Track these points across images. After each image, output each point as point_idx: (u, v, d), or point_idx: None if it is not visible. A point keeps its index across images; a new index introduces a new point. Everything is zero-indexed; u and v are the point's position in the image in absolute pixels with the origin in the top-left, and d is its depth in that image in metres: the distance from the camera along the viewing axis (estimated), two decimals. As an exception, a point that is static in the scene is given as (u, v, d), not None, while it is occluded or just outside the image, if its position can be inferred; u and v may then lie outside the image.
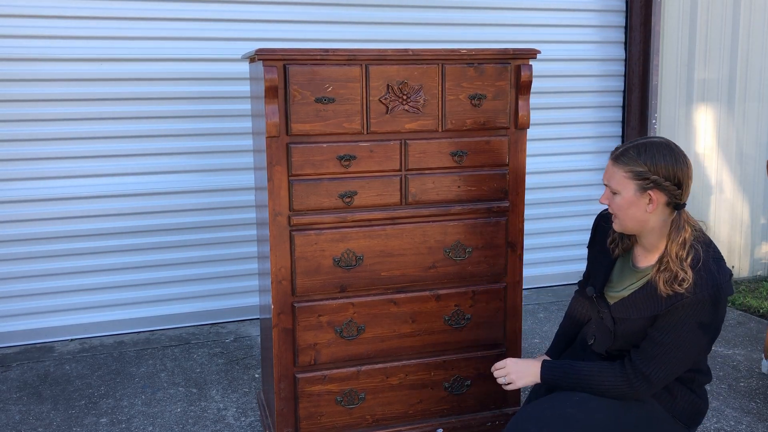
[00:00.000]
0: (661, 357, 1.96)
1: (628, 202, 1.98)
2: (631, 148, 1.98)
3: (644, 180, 1.94)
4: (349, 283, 2.48)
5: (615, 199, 2.01)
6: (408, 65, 2.40)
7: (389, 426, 2.61)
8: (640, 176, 1.95)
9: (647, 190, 1.95)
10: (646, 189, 1.95)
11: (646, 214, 1.98)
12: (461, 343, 2.63)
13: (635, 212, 1.98)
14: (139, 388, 3.26)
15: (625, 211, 1.99)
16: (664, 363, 1.96)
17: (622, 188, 1.98)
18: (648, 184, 1.94)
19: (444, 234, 2.54)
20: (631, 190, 1.96)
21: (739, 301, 4.39)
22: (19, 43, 3.60)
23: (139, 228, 3.88)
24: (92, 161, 3.78)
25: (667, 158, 1.94)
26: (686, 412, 2.08)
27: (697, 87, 4.65)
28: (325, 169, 2.39)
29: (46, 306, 3.81)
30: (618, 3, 4.56)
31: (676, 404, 2.07)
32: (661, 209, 1.97)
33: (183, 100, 3.86)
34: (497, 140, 2.55)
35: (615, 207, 2.02)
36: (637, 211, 1.98)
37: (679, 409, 2.08)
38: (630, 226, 2.02)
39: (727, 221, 4.88)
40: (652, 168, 1.94)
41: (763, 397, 3.11)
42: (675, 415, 2.07)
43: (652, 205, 1.96)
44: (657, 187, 1.94)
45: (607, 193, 2.04)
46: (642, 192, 1.96)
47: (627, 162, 1.97)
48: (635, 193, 1.96)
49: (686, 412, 2.08)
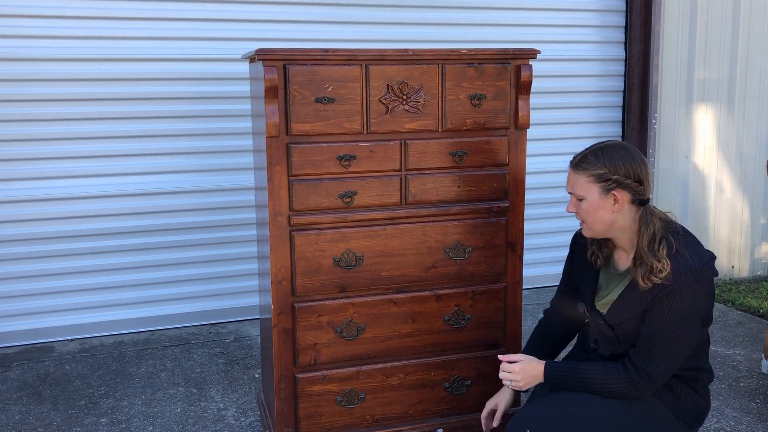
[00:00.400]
0: (658, 352, 1.97)
1: (595, 206, 2.03)
2: (589, 153, 2.05)
3: (606, 181, 2.00)
4: (349, 283, 2.48)
5: (581, 205, 2.06)
6: (408, 65, 2.40)
7: (389, 426, 2.61)
8: (602, 178, 2.00)
9: (611, 191, 2.01)
10: (610, 189, 2.01)
11: (613, 214, 2.03)
12: (461, 343, 2.63)
13: (603, 214, 2.03)
14: (139, 388, 3.26)
15: (593, 214, 2.04)
16: (663, 357, 1.97)
17: (586, 193, 2.03)
18: (611, 184, 2.00)
19: (444, 234, 2.54)
20: (596, 193, 2.02)
21: (739, 301, 4.39)
22: (19, 43, 3.59)
23: (139, 228, 3.88)
24: (92, 161, 3.78)
25: (624, 158, 2.00)
26: (689, 412, 2.09)
27: (697, 87, 4.65)
28: (325, 169, 2.39)
29: (46, 306, 3.81)
30: (618, 3, 4.56)
31: (679, 404, 2.07)
32: (627, 207, 2.03)
33: (183, 100, 3.86)
34: (497, 140, 2.55)
35: (583, 213, 2.07)
36: (604, 213, 2.03)
37: (682, 409, 2.08)
38: (599, 229, 2.07)
39: (727, 221, 4.88)
40: (612, 169, 1.99)
41: (763, 397, 3.11)
42: (678, 415, 2.08)
43: (618, 204, 2.01)
44: (620, 186, 2.00)
45: (573, 201, 2.10)
46: (606, 193, 2.01)
47: (587, 167, 2.02)
48: (600, 196, 2.02)
49: (689, 412, 2.09)
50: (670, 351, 1.97)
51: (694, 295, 1.95)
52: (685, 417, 2.09)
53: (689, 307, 1.95)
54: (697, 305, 1.96)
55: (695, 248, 2.00)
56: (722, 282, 4.87)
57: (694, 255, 1.97)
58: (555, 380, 2.11)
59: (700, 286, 1.96)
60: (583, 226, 2.11)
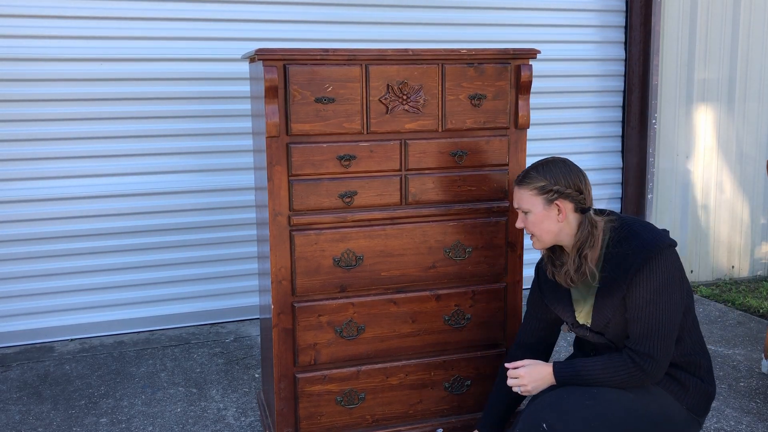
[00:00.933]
0: (651, 332, 2.02)
1: (540, 217, 2.14)
2: (531, 170, 2.17)
3: (549, 192, 2.12)
4: (349, 283, 2.48)
5: (528, 218, 2.17)
6: (408, 65, 2.40)
7: (389, 426, 2.61)
8: (544, 190, 2.12)
9: (553, 201, 2.12)
10: (552, 200, 2.12)
11: (558, 224, 2.13)
12: (461, 343, 2.63)
13: (549, 225, 2.14)
14: (139, 388, 3.26)
15: (539, 226, 2.15)
16: (657, 335, 2.02)
17: (531, 206, 2.15)
18: (552, 195, 2.12)
19: (444, 234, 2.54)
20: (540, 205, 2.13)
21: (739, 301, 4.39)
22: (19, 43, 3.59)
23: (138, 228, 3.88)
24: (92, 161, 3.78)
25: (562, 170, 2.14)
26: (699, 401, 2.13)
27: (697, 87, 4.65)
28: (325, 169, 2.39)
29: (46, 306, 3.81)
30: (618, 3, 4.56)
31: (688, 395, 2.11)
32: (572, 216, 2.13)
33: (183, 100, 3.86)
34: (497, 140, 2.55)
35: (530, 225, 2.17)
36: (550, 223, 2.14)
37: (691, 399, 2.11)
38: (548, 239, 2.17)
39: (727, 221, 4.88)
40: (552, 180, 2.12)
41: (763, 397, 3.11)
42: (688, 407, 2.10)
43: (562, 214, 2.12)
44: (561, 196, 2.12)
45: (521, 217, 2.20)
46: (549, 204, 2.13)
47: (530, 182, 2.15)
48: (544, 207, 2.13)
49: (699, 401, 2.13)
50: (660, 326, 2.01)
51: (662, 264, 2.02)
52: (695, 407, 2.12)
53: (662, 278, 2.01)
54: (669, 274, 2.02)
55: (645, 226, 2.09)
56: (722, 282, 4.87)
57: (645, 231, 2.06)
58: (565, 379, 2.13)
59: (664, 255, 2.02)
60: (533, 240, 2.20)
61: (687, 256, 4.81)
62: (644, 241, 2.03)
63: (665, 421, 2.08)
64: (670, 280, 2.02)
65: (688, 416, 2.11)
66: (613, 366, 2.06)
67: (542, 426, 2.01)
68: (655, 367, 2.03)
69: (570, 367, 2.13)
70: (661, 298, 2.01)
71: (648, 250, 2.01)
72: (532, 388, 2.16)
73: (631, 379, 2.05)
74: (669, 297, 2.02)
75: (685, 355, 2.12)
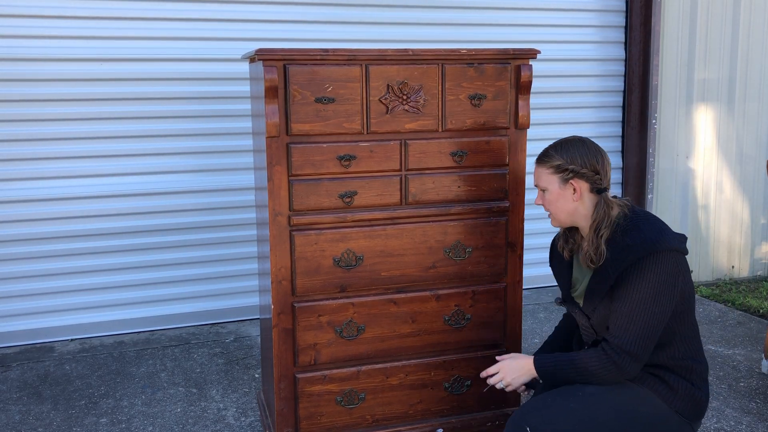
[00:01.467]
0: (629, 327, 2.01)
1: (556, 195, 2.17)
2: (550, 148, 2.20)
3: (564, 171, 2.14)
4: (349, 283, 2.48)
5: (545, 197, 2.20)
6: (408, 65, 2.40)
7: (389, 426, 2.61)
8: (560, 169, 2.15)
9: (569, 180, 2.14)
10: (568, 179, 2.14)
11: (574, 203, 2.16)
12: (461, 343, 2.63)
13: (564, 204, 2.17)
14: (139, 388, 3.26)
15: (556, 204, 2.18)
16: (635, 331, 2.01)
17: (548, 184, 2.18)
18: (568, 174, 2.14)
19: (444, 234, 2.54)
20: (556, 184, 2.16)
21: (739, 301, 4.39)
22: (19, 43, 3.60)
23: (139, 228, 3.88)
24: (92, 161, 3.78)
25: (580, 150, 2.14)
26: (688, 406, 2.09)
27: (697, 87, 4.65)
28: (325, 169, 2.39)
29: (46, 306, 3.81)
30: (618, 3, 4.56)
31: (677, 399, 2.08)
32: (588, 197, 2.15)
33: (183, 100, 3.86)
34: (497, 140, 2.55)
35: (547, 203, 2.21)
36: (565, 202, 2.16)
37: (680, 403, 2.08)
38: (563, 218, 2.20)
39: (727, 221, 4.88)
40: (569, 160, 2.14)
41: (763, 397, 3.11)
42: (677, 411, 2.08)
43: (577, 193, 2.14)
44: (576, 176, 2.13)
45: (539, 194, 2.24)
46: (565, 183, 2.15)
47: (548, 160, 2.18)
48: (560, 186, 2.16)
49: (688, 406, 2.09)
50: (641, 324, 2.00)
51: (655, 265, 2.00)
52: (685, 411, 2.09)
53: (653, 279, 2.00)
54: (660, 277, 2.01)
55: (655, 224, 2.07)
56: (722, 282, 4.87)
57: (652, 230, 2.05)
58: (545, 372, 2.15)
59: (661, 257, 2.01)
60: (550, 218, 2.24)
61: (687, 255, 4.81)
62: (646, 239, 2.02)
63: (654, 423, 2.06)
64: (661, 282, 2.01)
65: (679, 420, 2.09)
66: (590, 359, 2.06)
67: (526, 430, 2.00)
68: (629, 364, 2.02)
69: (550, 360, 2.15)
70: (647, 298, 2.00)
71: (646, 248, 2.00)
72: (512, 380, 2.18)
73: (603, 371, 2.04)
74: (655, 299, 2.00)
75: (676, 359, 2.10)
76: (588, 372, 2.06)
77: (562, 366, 2.11)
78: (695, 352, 2.13)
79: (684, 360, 2.10)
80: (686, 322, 2.12)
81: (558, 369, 2.12)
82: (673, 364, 2.10)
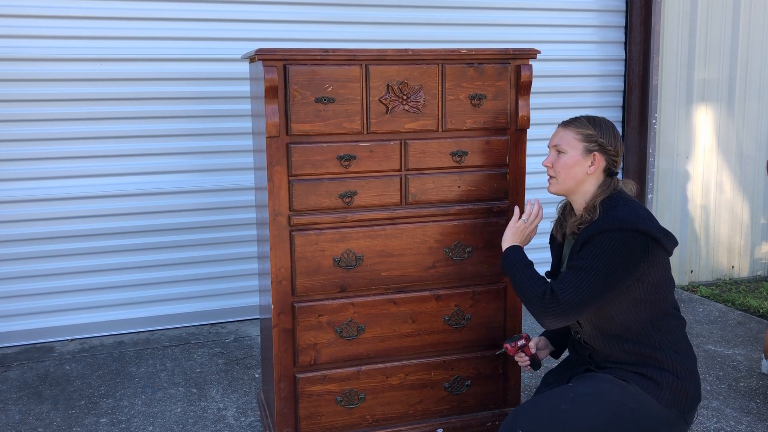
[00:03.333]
0: (571, 279, 2.08)
1: (574, 161, 2.20)
2: (582, 116, 2.25)
3: (592, 142, 2.19)
4: (349, 283, 2.48)
5: (560, 159, 2.23)
6: (408, 65, 2.40)
7: (389, 426, 2.61)
8: (589, 138, 2.19)
9: (592, 152, 2.19)
10: (592, 150, 2.19)
11: (586, 175, 2.20)
12: (461, 343, 2.63)
13: (577, 171, 2.20)
14: (139, 388, 3.26)
15: (569, 169, 2.21)
16: (573, 285, 2.07)
17: (570, 148, 2.21)
18: (594, 146, 2.19)
19: (444, 234, 2.54)
20: (579, 150, 2.20)
21: (739, 301, 4.39)
22: (19, 43, 3.60)
23: (139, 228, 3.88)
24: (92, 161, 3.78)
25: (610, 130, 2.22)
26: (676, 399, 2.09)
27: (697, 87, 4.65)
28: (325, 169, 2.39)
29: (46, 306, 3.81)
30: (618, 3, 4.56)
31: (662, 392, 2.07)
32: (599, 174, 2.21)
33: (183, 100, 3.86)
34: (497, 140, 2.55)
35: (559, 166, 2.23)
36: (579, 170, 2.20)
37: (668, 396, 2.07)
38: (567, 186, 2.24)
39: (727, 221, 4.88)
40: (600, 133, 2.20)
41: (763, 397, 3.11)
42: (667, 404, 2.07)
43: (594, 166, 2.19)
44: (601, 150, 2.19)
45: (552, 156, 2.27)
46: (587, 153, 2.19)
47: (578, 126, 2.22)
48: (582, 153, 2.20)
49: (676, 398, 2.08)
50: (581, 282, 2.05)
51: (617, 240, 2.04)
52: (674, 404, 2.08)
53: (610, 250, 2.04)
54: (619, 251, 2.04)
55: (637, 209, 2.11)
56: (722, 282, 4.87)
57: (630, 212, 2.09)
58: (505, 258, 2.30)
59: (626, 234, 2.05)
60: (552, 182, 2.27)
61: (687, 256, 4.82)
62: (619, 215, 2.08)
63: (646, 419, 2.06)
64: (617, 256, 2.04)
65: (671, 413, 2.08)
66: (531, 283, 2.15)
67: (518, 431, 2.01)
68: (553, 307, 2.07)
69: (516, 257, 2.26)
70: (597, 264, 2.04)
71: (613, 222, 2.06)
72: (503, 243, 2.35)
73: (533, 299, 2.12)
74: (606, 269, 2.04)
75: (656, 351, 2.10)
76: (522, 291, 2.18)
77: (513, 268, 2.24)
78: (677, 345, 2.13)
79: (666, 352, 2.11)
80: (662, 313, 2.13)
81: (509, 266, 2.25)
82: (654, 357, 2.10)
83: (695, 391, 2.13)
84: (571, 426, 2.00)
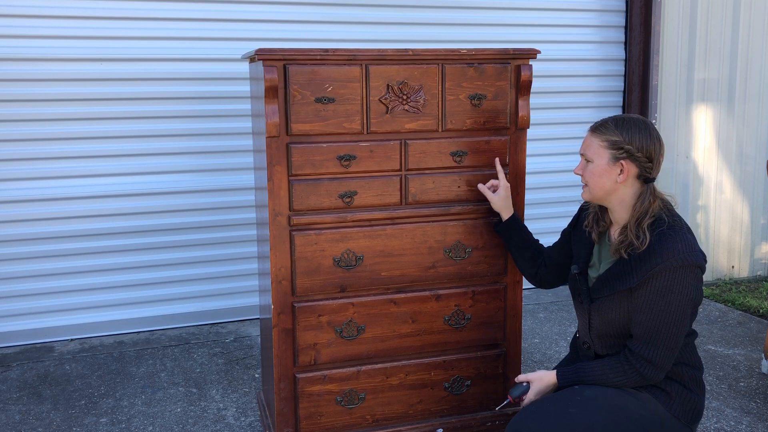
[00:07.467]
0: (654, 337, 2.00)
1: (601, 170, 2.08)
2: (610, 120, 2.09)
3: (618, 149, 2.05)
4: (349, 283, 2.48)
5: (588, 167, 2.11)
6: (408, 65, 2.40)
7: (389, 426, 2.61)
8: (615, 145, 2.05)
9: (620, 160, 2.05)
10: (619, 158, 2.05)
11: (616, 184, 2.07)
12: (461, 343, 2.63)
13: (605, 181, 2.08)
14: (139, 388, 3.26)
15: (597, 178, 2.09)
16: (660, 342, 2.00)
17: (596, 156, 2.08)
18: (621, 153, 2.05)
19: (444, 234, 2.54)
20: (605, 159, 2.07)
21: (739, 301, 4.39)
22: (19, 43, 3.60)
23: (139, 228, 3.88)
24: (92, 161, 3.78)
25: (642, 132, 2.05)
26: (684, 410, 2.09)
27: (697, 87, 4.65)
28: (325, 169, 2.39)
29: (46, 306, 3.81)
30: (618, 3, 4.56)
31: (673, 403, 2.08)
32: (632, 181, 2.07)
33: (183, 100, 3.86)
34: (497, 140, 2.55)
35: (588, 174, 2.11)
36: (607, 180, 2.08)
37: (676, 407, 2.08)
38: (599, 195, 2.12)
39: (727, 221, 4.88)
40: (627, 139, 2.04)
41: (763, 397, 3.11)
42: (675, 415, 2.08)
43: (623, 175, 2.06)
44: (629, 158, 2.05)
45: (582, 163, 2.15)
46: (614, 161, 2.06)
47: (604, 132, 2.08)
48: (608, 162, 2.06)
49: (684, 409, 2.09)
50: (666, 335, 1.99)
51: (683, 277, 1.98)
52: (682, 415, 2.09)
53: (679, 290, 1.98)
54: (686, 290, 1.99)
55: (686, 236, 2.03)
56: (722, 282, 4.87)
57: (683, 241, 2.00)
58: (568, 384, 2.14)
59: (689, 270, 1.99)
60: (584, 189, 2.16)
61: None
62: (677, 250, 1.97)
63: (652, 427, 2.06)
64: (688, 296, 1.99)
65: (678, 424, 2.09)
66: (612, 369, 2.06)
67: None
68: (652, 373, 2.02)
69: (572, 373, 2.14)
70: (673, 308, 1.98)
71: (675, 258, 1.97)
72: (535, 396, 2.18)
73: (629, 382, 2.05)
74: (681, 310, 1.99)
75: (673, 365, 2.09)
76: (611, 383, 2.07)
77: (584, 377, 2.10)
78: (688, 357, 2.13)
79: (678, 365, 2.10)
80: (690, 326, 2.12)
81: (581, 381, 2.11)
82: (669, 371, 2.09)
83: (702, 404, 2.15)
84: (579, 428, 1.99)
